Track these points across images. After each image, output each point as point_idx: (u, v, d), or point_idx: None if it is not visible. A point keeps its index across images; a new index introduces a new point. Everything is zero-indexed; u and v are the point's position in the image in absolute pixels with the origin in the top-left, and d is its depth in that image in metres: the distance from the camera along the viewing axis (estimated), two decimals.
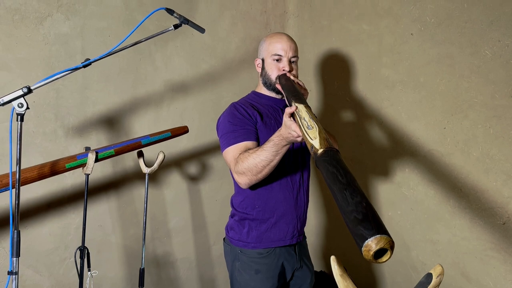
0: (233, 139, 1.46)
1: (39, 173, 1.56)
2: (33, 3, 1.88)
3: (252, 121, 1.52)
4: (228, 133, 1.49)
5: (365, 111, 2.27)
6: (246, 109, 1.54)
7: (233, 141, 1.46)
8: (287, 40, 1.59)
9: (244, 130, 1.48)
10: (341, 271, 1.22)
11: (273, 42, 1.59)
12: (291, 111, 1.23)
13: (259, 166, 1.34)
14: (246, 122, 1.50)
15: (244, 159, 1.37)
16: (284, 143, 1.29)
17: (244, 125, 1.49)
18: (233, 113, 1.53)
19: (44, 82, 1.33)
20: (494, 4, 1.67)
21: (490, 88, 1.70)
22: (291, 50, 1.58)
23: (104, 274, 2.15)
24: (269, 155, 1.32)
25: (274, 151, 1.31)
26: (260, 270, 1.56)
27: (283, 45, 1.57)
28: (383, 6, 2.13)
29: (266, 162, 1.33)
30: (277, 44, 1.58)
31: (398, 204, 2.14)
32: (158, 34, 1.56)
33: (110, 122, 2.12)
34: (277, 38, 1.60)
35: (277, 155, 1.32)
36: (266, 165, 1.34)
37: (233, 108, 1.56)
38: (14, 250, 1.28)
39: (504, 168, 1.68)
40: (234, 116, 1.52)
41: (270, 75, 1.59)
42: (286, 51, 1.57)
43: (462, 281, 1.86)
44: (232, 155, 1.45)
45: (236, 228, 1.61)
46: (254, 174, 1.37)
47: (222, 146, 1.51)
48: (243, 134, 1.47)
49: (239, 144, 1.45)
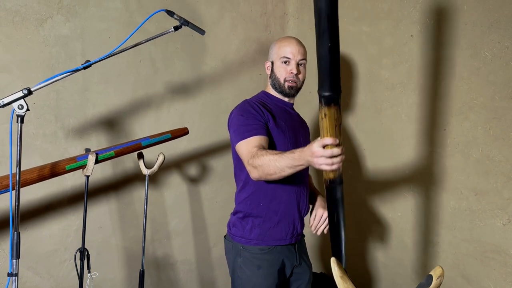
0: (246, 133, 1.49)
1: (39, 175, 1.56)
2: (33, 5, 1.88)
3: (264, 118, 1.55)
4: (241, 126, 1.52)
5: (365, 113, 2.27)
6: (259, 106, 1.59)
7: (247, 135, 1.49)
8: (296, 43, 1.65)
9: (257, 125, 1.51)
10: (341, 273, 1.22)
11: (283, 45, 1.65)
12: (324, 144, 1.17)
13: (271, 169, 1.36)
14: (259, 118, 1.54)
15: (261, 156, 1.38)
16: (302, 163, 1.27)
17: (256, 121, 1.53)
18: (246, 108, 1.57)
19: (44, 84, 1.33)
20: (494, 6, 1.67)
21: (490, 90, 1.70)
22: (300, 53, 1.63)
23: (104, 276, 2.15)
24: (284, 165, 1.33)
25: (290, 164, 1.31)
26: (261, 266, 1.59)
27: (292, 49, 1.62)
28: (383, 8, 2.13)
29: (279, 170, 1.35)
30: (286, 48, 1.63)
31: (398, 206, 2.14)
32: (158, 36, 1.57)
33: (110, 123, 2.12)
34: (286, 41, 1.66)
35: (291, 169, 1.33)
36: (278, 172, 1.35)
37: (247, 104, 1.60)
38: (14, 251, 1.28)
39: (504, 169, 1.68)
40: (248, 111, 1.56)
41: (279, 77, 1.64)
42: (294, 54, 1.62)
43: (462, 283, 1.86)
44: (247, 149, 1.47)
45: (238, 225, 1.63)
46: (265, 173, 1.39)
47: (235, 140, 1.53)
48: (256, 128, 1.50)
49: (252, 138, 1.48)
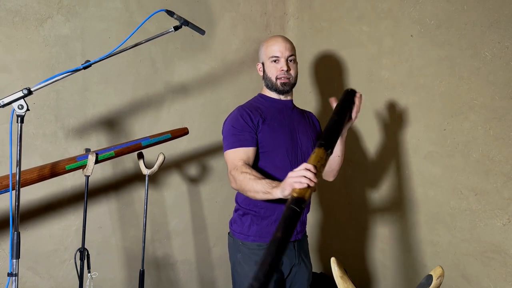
0: (233, 143, 1.56)
1: (39, 175, 1.56)
2: (33, 5, 1.88)
3: (254, 127, 1.59)
4: (229, 136, 1.58)
5: (365, 113, 2.27)
6: (250, 114, 1.61)
7: (234, 145, 1.55)
8: (282, 41, 1.66)
9: (243, 135, 1.56)
10: (341, 273, 1.22)
11: (270, 45, 1.67)
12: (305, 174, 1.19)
13: (246, 187, 1.42)
14: (247, 129, 1.57)
15: (242, 174, 1.44)
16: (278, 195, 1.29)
17: (243, 132, 1.57)
18: (237, 118, 1.61)
19: (44, 84, 1.33)
20: (494, 6, 1.67)
21: (490, 90, 1.70)
22: (287, 50, 1.65)
23: (104, 276, 2.15)
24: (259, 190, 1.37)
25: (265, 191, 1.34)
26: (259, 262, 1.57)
27: (279, 47, 1.64)
28: (383, 8, 2.13)
29: (252, 192, 1.40)
30: (273, 47, 1.65)
31: (398, 205, 2.14)
32: (158, 36, 1.57)
33: (110, 123, 2.12)
34: (272, 41, 1.68)
35: (264, 195, 1.36)
36: (251, 192, 1.41)
37: (238, 113, 1.63)
38: (14, 251, 1.28)
39: (504, 169, 1.68)
40: (237, 121, 1.59)
41: (270, 77, 1.66)
42: (282, 52, 1.64)
43: (462, 283, 1.86)
44: (231, 159, 1.54)
45: (238, 221, 1.68)
46: (242, 189, 1.47)
47: (224, 147, 1.60)
48: (243, 139, 1.56)
49: (238, 149, 1.54)
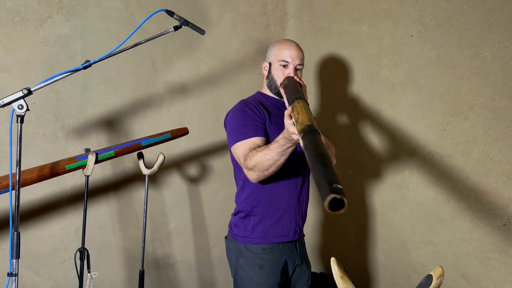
0: (242, 135, 1.50)
1: (39, 175, 1.56)
2: (33, 4, 1.88)
3: (262, 117, 1.56)
4: (237, 128, 1.53)
5: (365, 113, 2.27)
6: (256, 105, 1.59)
7: (243, 137, 1.49)
8: (296, 48, 1.64)
9: (253, 126, 1.51)
10: (341, 273, 1.22)
11: (282, 48, 1.63)
12: (289, 113, 1.24)
13: (265, 164, 1.37)
14: (256, 118, 1.54)
15: (252, 156, 1.40)
16: (289, 144, 1.31)
17: (253, 121, 1.53)
18: (243, 109, 1.57)
19: (44, 84, 1.33)
20: (494, 6, 1.67)
21: (490, 90, 1.70)
22: (298, 58, 1.62)
23: (104, 276, 2.15)
24: (275, 155, 1.34)
25: (280, 151, 1.33)
26: (264, 265, 1.59)
27: (291, 53, 1.61)
28: (383, 8, 2.13)
29: (272, 161, 1.36)
30: (286, 51, 1.62)
31: (398, 205, 2.14)
32: (158, 36, 1.57)
33: (110, 123, 2.12)
34: (286, 45, 1.64)
35: (283, 155, 1.35)
36: (272, 164, 1.37)
37: (243, 104, 1.60)
38: (14, 251, 1.28)
39: (504, 169, 1.68)
40: (244, 111, 1.56)
41: (276, 79, 1.63)
42: (293, 59, 1.61)
43: (462, 283, 1.86)
44: (242, 151, 1.48)
45: (240, 225, 1.63)
46: (262, 171, 1.40)
47: (231, 141, 1.54)
48: (253, 130, 1.51)
49: (248, 140, 1.48)
